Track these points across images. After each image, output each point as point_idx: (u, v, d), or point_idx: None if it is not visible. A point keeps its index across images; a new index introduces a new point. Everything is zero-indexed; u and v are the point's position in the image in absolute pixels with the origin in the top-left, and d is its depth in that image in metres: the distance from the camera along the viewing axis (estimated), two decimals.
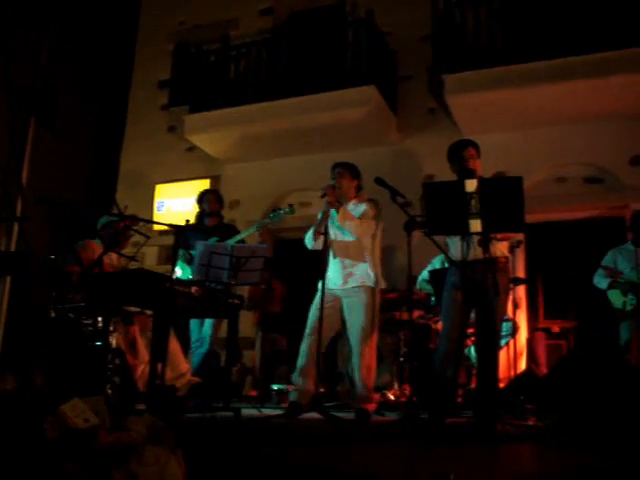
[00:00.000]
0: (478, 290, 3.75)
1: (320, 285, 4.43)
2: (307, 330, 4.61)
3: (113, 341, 3.99)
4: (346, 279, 4.63)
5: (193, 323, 5.43)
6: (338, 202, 4.59)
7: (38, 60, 8.78)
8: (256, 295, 7.24)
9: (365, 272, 4.62)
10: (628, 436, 3.16)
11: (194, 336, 5.42)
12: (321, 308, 4.28)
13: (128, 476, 1.67)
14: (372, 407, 4.60)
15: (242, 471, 2.25)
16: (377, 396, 4.86)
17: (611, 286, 5.46)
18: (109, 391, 3.74)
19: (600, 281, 5.60)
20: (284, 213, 5.26)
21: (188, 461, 2.07)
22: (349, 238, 4.63)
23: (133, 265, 4.90)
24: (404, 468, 2.33)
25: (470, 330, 5.20)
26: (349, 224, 4.57)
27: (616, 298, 5.45)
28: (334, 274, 4.66)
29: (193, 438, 2.81)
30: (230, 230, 5.57)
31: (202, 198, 5.80)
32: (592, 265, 5.73)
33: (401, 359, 5.98)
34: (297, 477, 2.16)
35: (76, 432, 1.77)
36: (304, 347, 4.57)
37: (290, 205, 5.34)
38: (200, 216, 5.78)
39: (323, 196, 4.56)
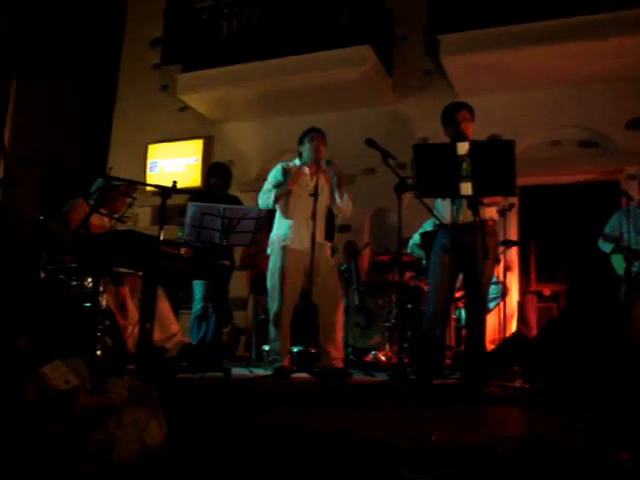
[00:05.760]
0: (466, 253, 3.75)
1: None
2: None
3: (103, 302, 3.99)
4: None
5: (197, 284, 5.54)
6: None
7: (21, 11, 8.47)
8: (248, 255, 7.22)
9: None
10: (612, 398, 3.20)
11: (197, 295, 5.55)
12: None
13: (106, 438, 1.68)
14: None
15: (227, 431, 2.27)
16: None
17: (614, 250, 5.47)
18: (99, 352, 3.76)
19: (605, 245, 5.61)
20: None
21: (173, 421, 2.10)
22: (340, 205, 4.76)
23: (124, 227, 4.88)
24: (387, 429, 2.35)
25: (460, 293, 5.25)
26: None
27: (618, 262, 5.46)
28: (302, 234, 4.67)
29: (181, 398, 2.84)
30: (233, 201, 5.62)
31: (212, 174, 5.91)
32: (585, 229, 5.73)
33: (392, 320, 6.02)
34: (280, 438, 2.19)
35: (56, 394, 1.78)
36: None
37: None
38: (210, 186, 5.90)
39: (328, 163, 4.73)
